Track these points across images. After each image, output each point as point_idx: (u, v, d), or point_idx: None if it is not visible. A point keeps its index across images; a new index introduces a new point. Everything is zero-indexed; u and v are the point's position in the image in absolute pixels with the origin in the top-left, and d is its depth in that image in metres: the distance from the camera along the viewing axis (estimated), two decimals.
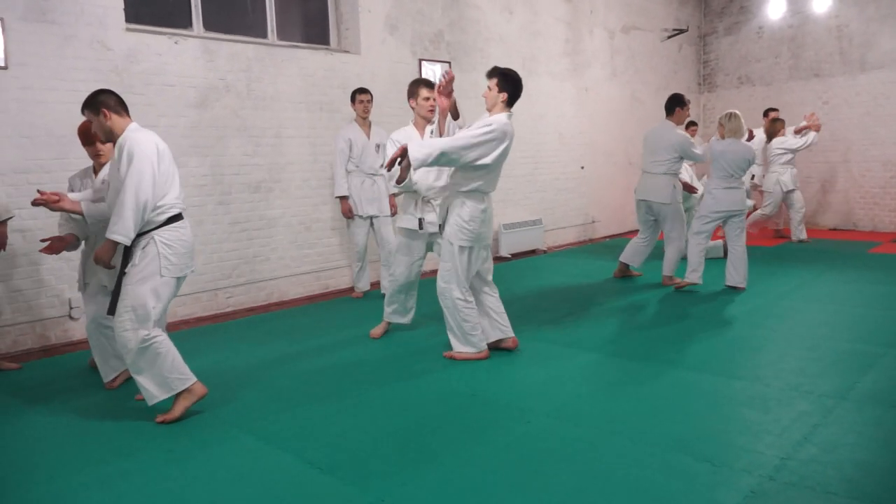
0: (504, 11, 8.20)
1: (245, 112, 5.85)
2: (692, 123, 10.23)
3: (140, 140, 3.37)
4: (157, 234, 3.41)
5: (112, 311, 3.44)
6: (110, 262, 3.44)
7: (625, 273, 6.78)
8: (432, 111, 4.63)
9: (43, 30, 4.74)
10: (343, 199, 6.07)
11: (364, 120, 6.08)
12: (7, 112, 4.60)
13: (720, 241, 7.63)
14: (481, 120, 4.09)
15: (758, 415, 3.26)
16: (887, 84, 9.66)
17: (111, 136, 3.48)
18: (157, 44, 5.31)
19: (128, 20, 5.19)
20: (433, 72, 7.32)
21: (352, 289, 6.61)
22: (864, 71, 9.89)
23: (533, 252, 8.61)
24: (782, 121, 8.82)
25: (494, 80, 4.10)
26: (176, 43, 5.42)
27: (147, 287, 3.36)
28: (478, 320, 4.23)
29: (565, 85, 9.16)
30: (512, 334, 4.36)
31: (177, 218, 3.48)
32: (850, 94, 10.05)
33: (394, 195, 6.09)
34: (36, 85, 4.68)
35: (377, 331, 4.91)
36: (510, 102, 4.10)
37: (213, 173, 5.68)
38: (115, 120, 3.43)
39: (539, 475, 2.73)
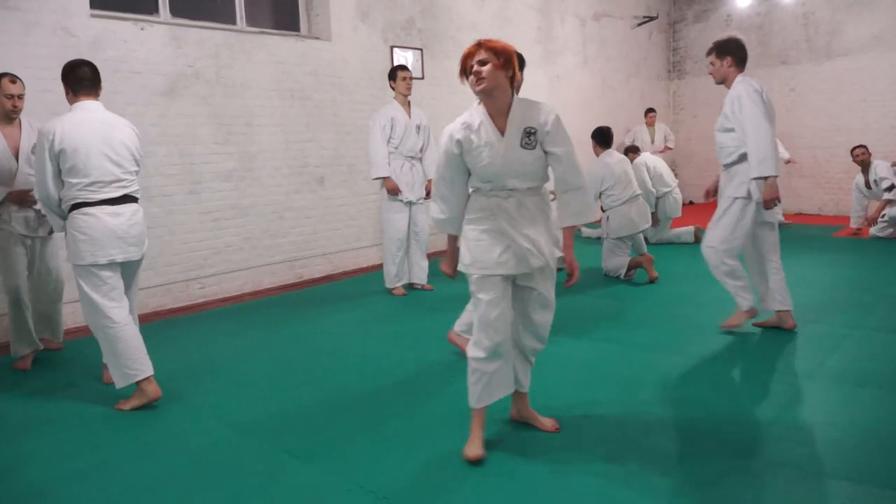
0: None
1: (215, 100, 5.77)
2: (650, 110, 10.32)
3: (40, 131, 3.45)
4: (66, 223, 3.50)
5: None
6: None
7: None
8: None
9: (4, 16, 4.61)
10: (386, 178, 5.63)
11: (405, 98, 5.71)
12: None
13: (691, 227, 7.75)
14: None
15: (726, 396, 3.33)
16: (852, 71, 9.84)
17: None
18: (122, 30, 5.20)
19: (92, 6, 5.07)
20: (405, 58, 7.29)
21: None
22: (829, 58, 10.06)
23: None
24: None
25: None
26: (142, 29, 5.31)
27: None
28: None
29: (537, 72, 9.18)
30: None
31: (84, 205, 3.44)
32: (816, 81, 10.23)
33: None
34: None
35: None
36: None
37: (183, 162, 5.59)
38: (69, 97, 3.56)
39: (515, 462, 2.76)
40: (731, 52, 4.15)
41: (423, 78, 7.50)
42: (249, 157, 6.04)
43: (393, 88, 5.76)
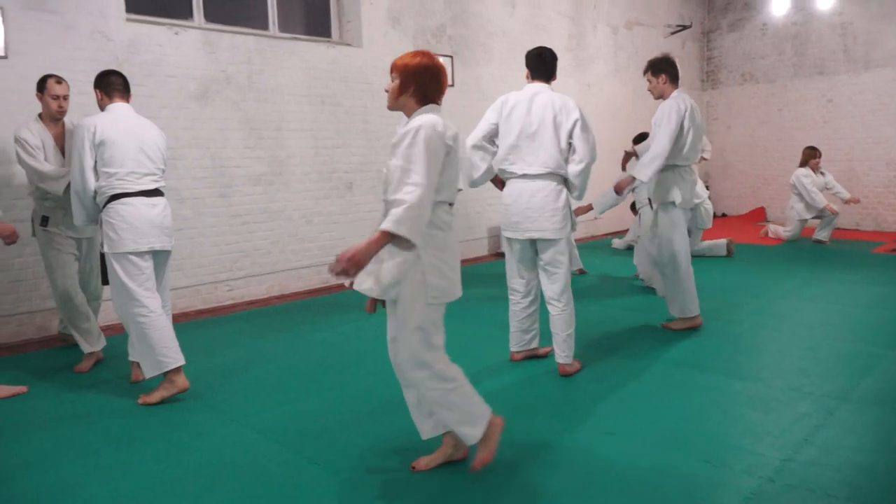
0: (507, 5, 8.16)
1: (246, 104, 5.82)
2: None
3: (79, 125, 3.59)
4: (103, 213, 3.60)
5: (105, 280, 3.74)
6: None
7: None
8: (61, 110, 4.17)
9: (43, 19, 4.71)
10: None
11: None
12: (6, 102, 4.58)
13: (723, 240, 7.62)
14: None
15: (758, 415, 3.24)
16: (891, 82, 9.61)
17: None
18: (157, 34, 5.28)
19: (128, 10, 5.17)
20: None
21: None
22: (868, 69, 9.85)
23: None
24: (814, 151, 8.65)
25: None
26: (176, 34, 5.38)
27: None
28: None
29: (568, 81, 9.12)
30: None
31: (123, 196, 3.57)
32: (853, 93, 10.01)
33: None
34: (35, 75, 4.60)
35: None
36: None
37: (214, 165, 5.65)
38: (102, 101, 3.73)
39: (531, 475, 2.71)
40: (665, 70, 4.57)
41: (453, 85, 7.50)
42: (279, 161, 6.08)
43: None
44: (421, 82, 2.58)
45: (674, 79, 4.57)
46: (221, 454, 2.98)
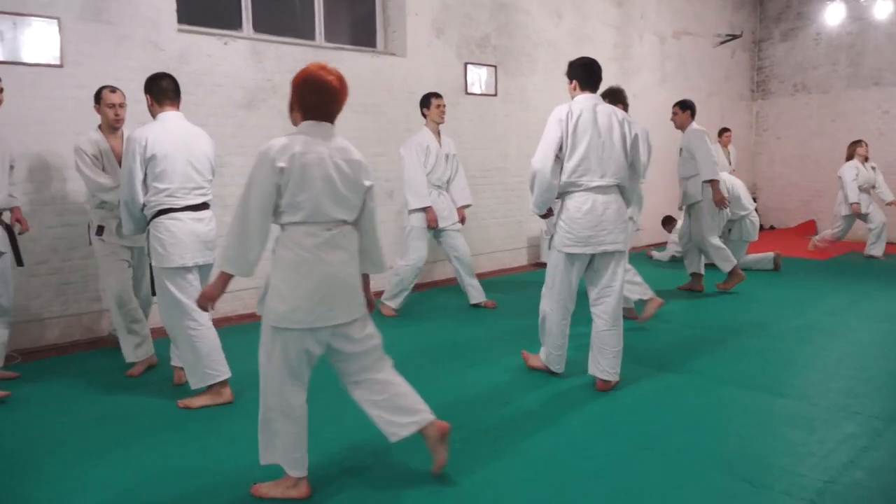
0: (552, 16, 8.13)
1: None
2: (725, 130, 9.81)
3: (130, 137, 3.56)
4: (150, 227, 3.61)
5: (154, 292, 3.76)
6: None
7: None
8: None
9: (98, 29, 4.87)
10: (429, 208, 5.62)
11: (437, 126, 5.68)
12: (63, 109, 4.74)
13: (770, 254, 7.43)
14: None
15: (802, 435, 3.15)
16: None
17: None
18: (207, 45, 5.41)
19: (180, 21, 5.31)
20: (478, 75, 7.31)
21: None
22: None
23: None
24: (858, 143, 8.41)
25: None
26: (226, 44, 5.51)
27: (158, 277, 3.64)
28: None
29: None
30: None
31: (170, 211, 3.57)
32: None
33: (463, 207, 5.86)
34: (90, 83, 4.78)
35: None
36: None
37: None
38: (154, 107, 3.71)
39: (570, 490, 2.68)
40: (622, 101, 5.11)
41: (496, 95, 7.50)
42: None
43: (424, 116, 5.68)
44: (299, 96, 2.51)
45: (625, 109, 4.96)
46: (254, 460, 3.01)
